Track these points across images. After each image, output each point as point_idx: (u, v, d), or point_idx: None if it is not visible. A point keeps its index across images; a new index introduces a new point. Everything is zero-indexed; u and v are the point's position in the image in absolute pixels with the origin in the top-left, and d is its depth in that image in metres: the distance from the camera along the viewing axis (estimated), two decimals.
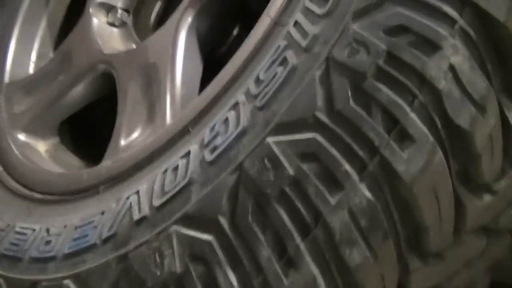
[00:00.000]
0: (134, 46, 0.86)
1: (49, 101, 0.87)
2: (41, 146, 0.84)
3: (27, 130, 0.84)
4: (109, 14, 0.91)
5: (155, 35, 0.82)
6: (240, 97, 0.59)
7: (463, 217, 0.58)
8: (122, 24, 0.91)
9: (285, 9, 0.64)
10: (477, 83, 0.54)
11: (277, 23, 0.63)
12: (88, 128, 0.89)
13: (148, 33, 0.86)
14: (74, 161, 0.85)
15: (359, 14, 0.55)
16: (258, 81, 0.59)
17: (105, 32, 0.89)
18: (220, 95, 0.64)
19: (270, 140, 0.54)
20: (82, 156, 0.84)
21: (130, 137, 0.74)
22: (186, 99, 0.72)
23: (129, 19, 0.92)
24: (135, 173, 0.65)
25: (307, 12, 0.61)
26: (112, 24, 0.90)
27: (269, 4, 0.65)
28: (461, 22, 0.53)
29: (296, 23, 0.61)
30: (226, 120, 0.58)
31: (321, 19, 0.58)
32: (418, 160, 0.52)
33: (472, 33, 0.55)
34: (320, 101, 0.53)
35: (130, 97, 0.77)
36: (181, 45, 0.77)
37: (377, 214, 0.52)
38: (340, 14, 0.58)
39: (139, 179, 0.64)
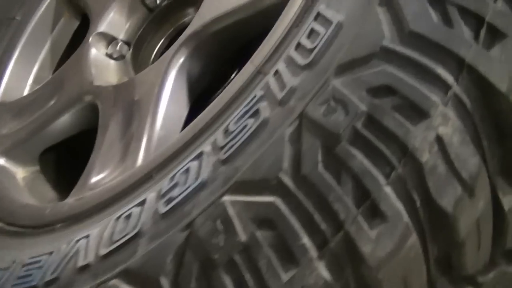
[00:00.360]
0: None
1: (34, 127, 0.85)
2: (19, 173, 0.82)
3: (7, 154, 0.82)
4: (109, 46, 0.89)
5: (144, 72, 0.79)
6: (207, 147, 0.55)
7: None
8: (120, 57, 0.89)
9: (270, 57, 0.59)
10: (468, 159, 0.48)
11: (259, 72, 0.58)
12: (74, 161, 0.85)
13: None
14: (49, 193, 0.82)
15: (343, 69, 0.50)
16: (227, 132, 0.54)
17: (101, 63, 0.87)
18: (190, 142, 0.60)
19: (226, 198, 0.50)
20: (63, 190, 0.79)
21: (99, 176, 0.71)
22: (163, 142, 0.68)
23: (128, 53, 0.90)
24: (93, 215, 0.62)
25: (290, 61, 0.56)
26: (110, 56, 0.89)
27: (256, 51, 0.60)
28: (456, 88, 0.48)
29: (276, 73, 0.56)
30: (187, 171, 0.54)
31: (303, 70, 0.53)
32: (387, 242, 0.46)
33: (467, 102, 0.49)
34: (286, 162, 0.48)
35: (109, 133, 0.74)
36: (168, 85, 0.74)
37: None
38: (323, 66, 0.52)
39: (94, 222, 0.61)
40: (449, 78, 0.49)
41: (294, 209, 0.47)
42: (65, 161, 0.90)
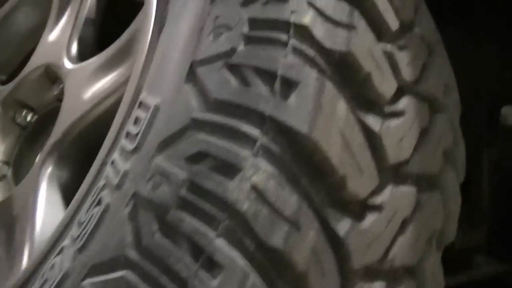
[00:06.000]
0: None
1: None
2: None
3: None
4: None
5: (18, 187, 0.83)
6: (67, 241, 0.59)
7: None
8: (1, 177, 0.93)
9: (110, 149, 0.64)
10: (287, 199, 0.51)
11: (103, 164, 0.63)
12: None
13: None
14: None
15: (164, 145, 0.54)
16: (79, 223, 0.58)
17: None
18: (56, 240, 0.64)
19: (86, 282, 0.53)
20: None
21: None
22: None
23: (9, 172, 0.94)
24: None
25: (121, 149, 0.61)
26: None
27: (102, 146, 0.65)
28: (262, 140, 0.52)
29: (112, 162, 0.61)
30: (53, 266, 0.58)
31: (131, 155, 0.57)
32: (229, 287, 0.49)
33: (276, 149, 0.53)
34: (129, 238, 0.52)
35: None
36: (41, 195, 0.78)
37: None
38: (147, 147, 0.57)
39: None
40: (254, 132, 0.54)
41: (142, 277, 0.51)
42: None
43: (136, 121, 0.62)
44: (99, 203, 0.60)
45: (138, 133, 0.60)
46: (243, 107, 0.55)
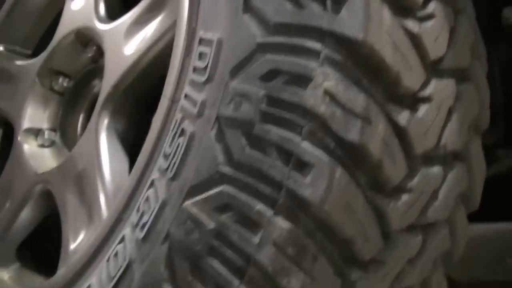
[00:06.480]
0: None
1: (1, 230, 0.90)
2: (4, 274, 0.87)
3: None
4: (38, 137, 0.97)
5: (78, 145, 0.87)
6: (155, 174, 0.64)
7: (386, 220, 0.62)
8: (51, 143, 0.98)
9: (177, 86, 0.69)
10: (356, 98, 0.58)
11: (173, 101, 0.69)
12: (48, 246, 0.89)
13: None
14: (38, 279, 0.87)
15: (235, 71, 0.60)
16: (165, 156, 0.63)
17: (37, 154, 0.96)
18: (141, 177, 0.69)
19: (187, 203, 0.58)
20: (49, 273, 0.82)
21: (77, 241, 0.80)
22: (118, 192, 0.75)
23: (57, 137, 0.98)
24: (86, 271, 0.69)
25: (193, 83, 0.67)
26: (42, 146, 0.97)
27: (164, 86, 0.71)
28: (325, 51, 0.57)
29: (186, 96, 0.67)
30: (147, 199, 0.63)
31: (204, 85, 0.63)
32: (321, 181, 0.56)
33: (338, 57, 0.59)
34: (220, 157, 0.58)
35: (69, 207, 0.82)
36: (103, 147, 0.83)
37: (300, 240, 0.56)
38: (219, 76, 0.62)
39: (89, 275, 0.68)
40: (317, 45, 0.60)
41: (240, 188, 0.56)
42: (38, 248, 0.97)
43: (201, 56, 0.67)
44: (182, 133, 0.65)
45: (206, 66, 0.65)
46: (302, 26, 0.61)
